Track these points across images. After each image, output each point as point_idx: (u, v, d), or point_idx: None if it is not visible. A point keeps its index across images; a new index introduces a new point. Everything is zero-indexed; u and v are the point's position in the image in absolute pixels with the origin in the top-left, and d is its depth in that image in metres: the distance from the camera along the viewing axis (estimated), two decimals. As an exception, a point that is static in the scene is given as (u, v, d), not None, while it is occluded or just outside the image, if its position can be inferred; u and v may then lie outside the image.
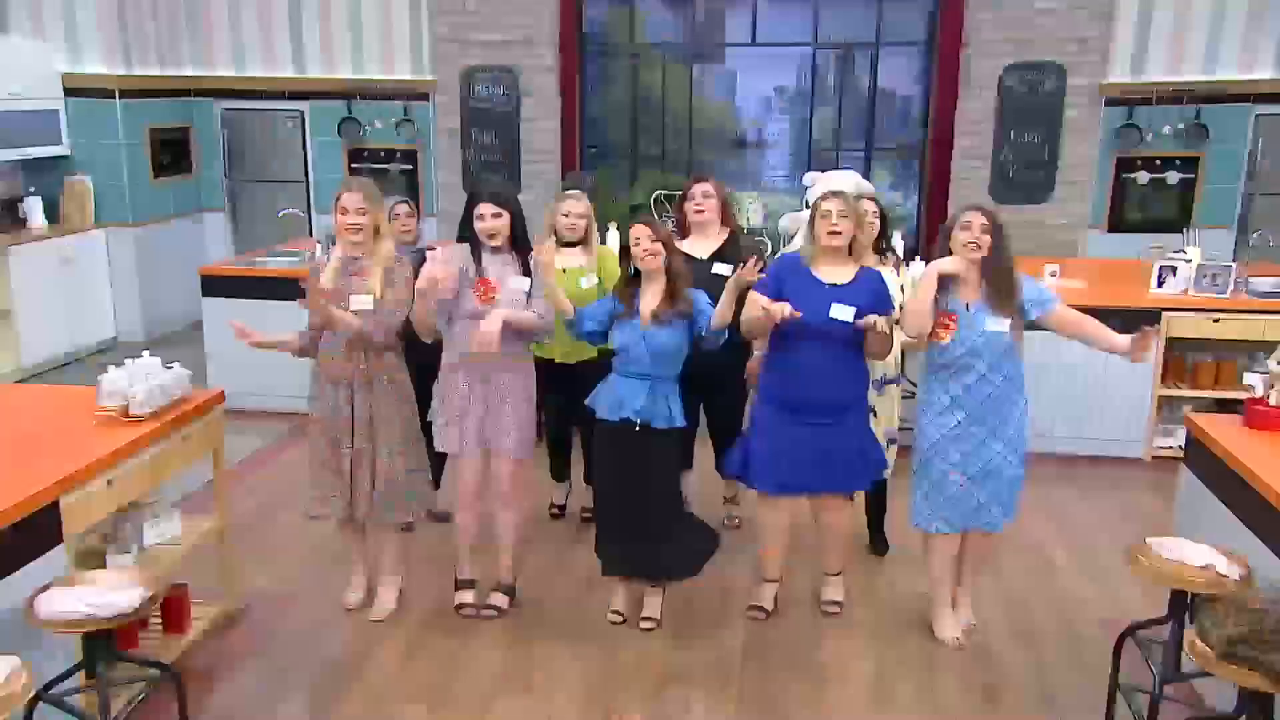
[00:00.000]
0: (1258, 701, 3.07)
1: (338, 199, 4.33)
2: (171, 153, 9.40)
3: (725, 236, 5.15)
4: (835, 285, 4.30)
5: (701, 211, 5.10)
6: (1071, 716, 4.10)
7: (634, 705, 4.14)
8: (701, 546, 4.62)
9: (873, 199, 5.18)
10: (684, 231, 5.23)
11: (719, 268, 4.93)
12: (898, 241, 5.90)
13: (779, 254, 5.22)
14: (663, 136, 10.47)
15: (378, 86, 9.59)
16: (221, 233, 10.01)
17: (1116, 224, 9.39)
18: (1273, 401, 4.16)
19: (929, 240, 9.46)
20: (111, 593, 3.21)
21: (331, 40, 9.58)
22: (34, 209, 8.26)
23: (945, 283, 4.25)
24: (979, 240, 4.11)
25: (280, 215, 8.75)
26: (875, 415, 4.85)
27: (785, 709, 4.10)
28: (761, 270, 4.44)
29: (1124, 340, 4.15)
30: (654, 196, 9.83)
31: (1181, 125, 9.07)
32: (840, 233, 4.24)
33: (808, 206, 7.13)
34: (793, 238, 7.32)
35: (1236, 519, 3.93)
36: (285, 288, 6.87)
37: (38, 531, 3.40)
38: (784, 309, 4.09)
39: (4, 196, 8.15)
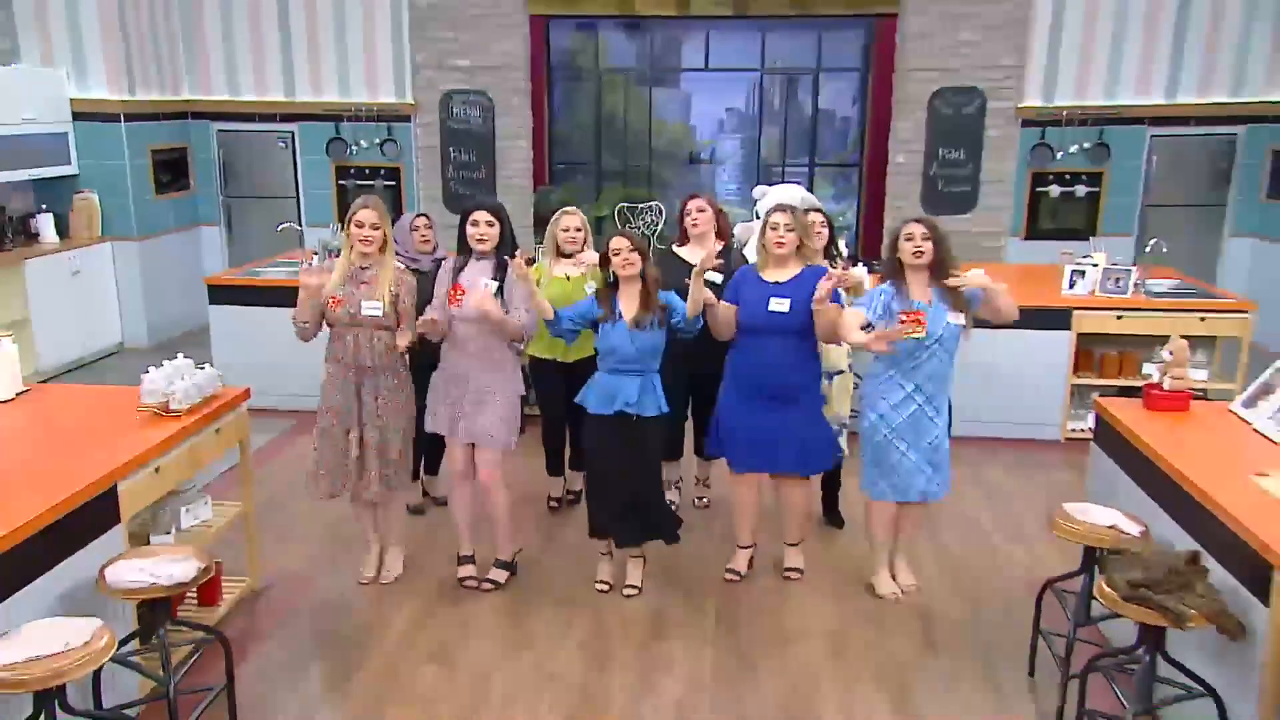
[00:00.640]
0: (1152, 634, 3.35)
1: (353, 214, 4.43)
2: (171, 171, 9.33)
3: (721, 247, 5.22)
4: (776, 283, 4.48)
5: (697, 224, 5.23)
6: (1000, 660, 4.28)
7: (623, 660, 4.28)
8: (669, 522, 4.75)
9: (820, 211, 5.33)
10: (683, 240, 5.37)
11: (713, 277, 5.02)
12: (843, 247, 6.12)
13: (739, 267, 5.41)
14: (624, 153, 10.52)
15: (363, 109, 9.57)
16: (217, 245, 9.95)
17: (1032, 232, 9.57)
18: (1166, 387, 4.40)
19: (867, 247, 9.68)
20: (171, 564, 3.38)
21: (319, 66, 9.56)
22: (45, 224, 8.21)
23: (898, 287, 4.40)
24: (922, 248, 4.30)
25: (279, 229, 8.71)
26: (827, 403, 4.99)
27: (753, 660, 4.28)
28: (720, 257, 4.67)
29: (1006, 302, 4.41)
30: (617, 209, 9.94)
31: (1087, 144, 9.31)
32: (785, 242, 4.43)
33: (758, 217, 7.35)
34: (745, 245, 7.53)
35: (1137, 487, 4.16)
36: (285, 295, 6.97)
37: (100, 514, 3.55)
38: (712, 297, 4.36)
39: (18, 213, 8.09)
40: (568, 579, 4.95)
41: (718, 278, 4.96)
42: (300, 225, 9.58)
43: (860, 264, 5.56)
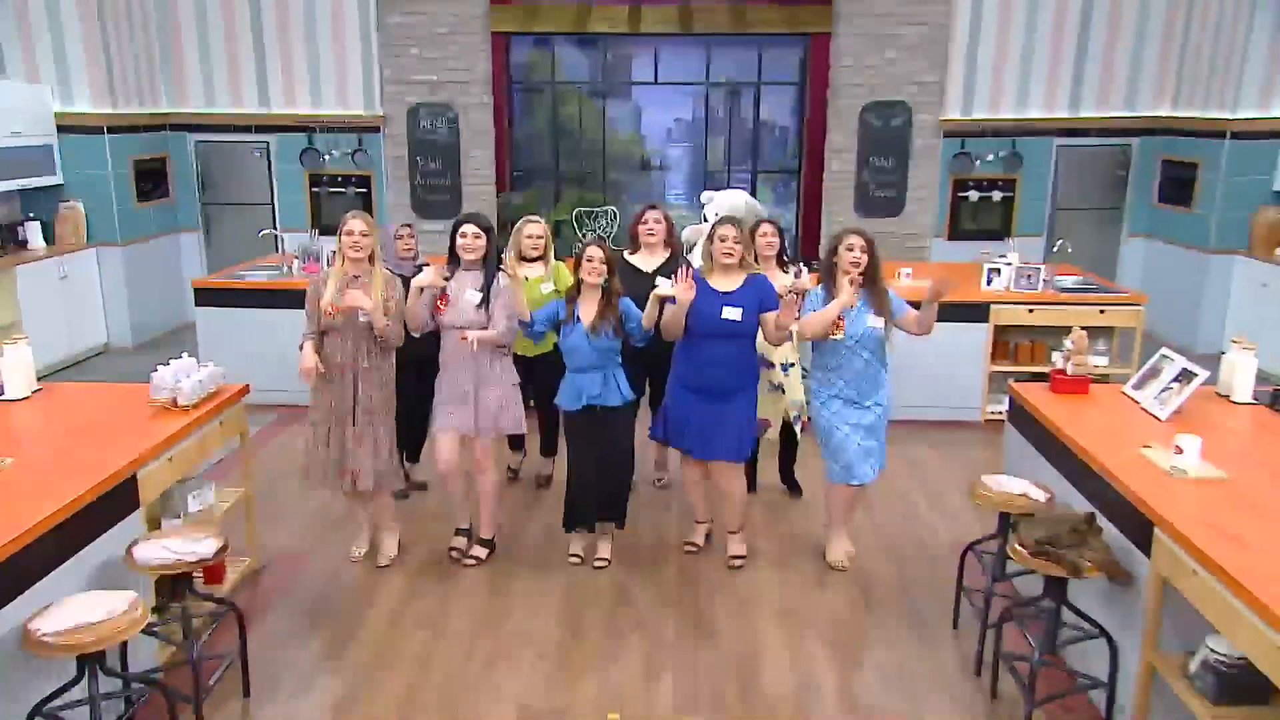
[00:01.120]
0: (1057, 585, 3.63)
1: (343, 224, 4.53)
2: (151, 180, 9.25)
3: (668, 255, 5.44)
4: (726, 292, 4.59)
5: (653, 234, 5.41)
6: (928, 614, 4.55)
7: (593, 624, 4.46)
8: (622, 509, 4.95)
9: (771, 223, 5.51)
10: (635, 248, 5.51)
11: (660, 280, 5.14)
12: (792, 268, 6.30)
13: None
14: (580, 161, 10.59)
15: (334, 121, 9.57)
16: (196, 250, 9.88)
17: (954, 233, 9.81)
18: (1069, 372, 4.66)
19: (805, 248, 9.94)
20: (193, 543, 3.54)
21: (293, 80, 9.53)
22: (34, 232, 8.15)
23: (830, 290, 4.62)
24: (860, 259, 4.52)
25: (260, 235, 8.71)
26: (783, 392, 5.26)
27: (712, 623, 4.48)
28: (667, 264, 4.91)
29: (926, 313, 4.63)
30: (575, 213, 10.05)
31: (1002, 153, 9.59)
32: (733, 253, 4.57)
33: (706, 220, 7.52)
34: (693, 247, 7.67)
35: (1044, 459, 4.42)
36: (265, 297, 7.15)
37: (122, 500, 3.68)
38: (675, 288, 4.42)
39: (6, 222, 8.03)
40: (543, 553, 5.11)
41: (666, 283, 4.99)
42: (276, 230, 9.58)
43: (804, 267, 5.72)
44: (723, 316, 4.54)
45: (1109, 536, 3.64)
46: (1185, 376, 4.30)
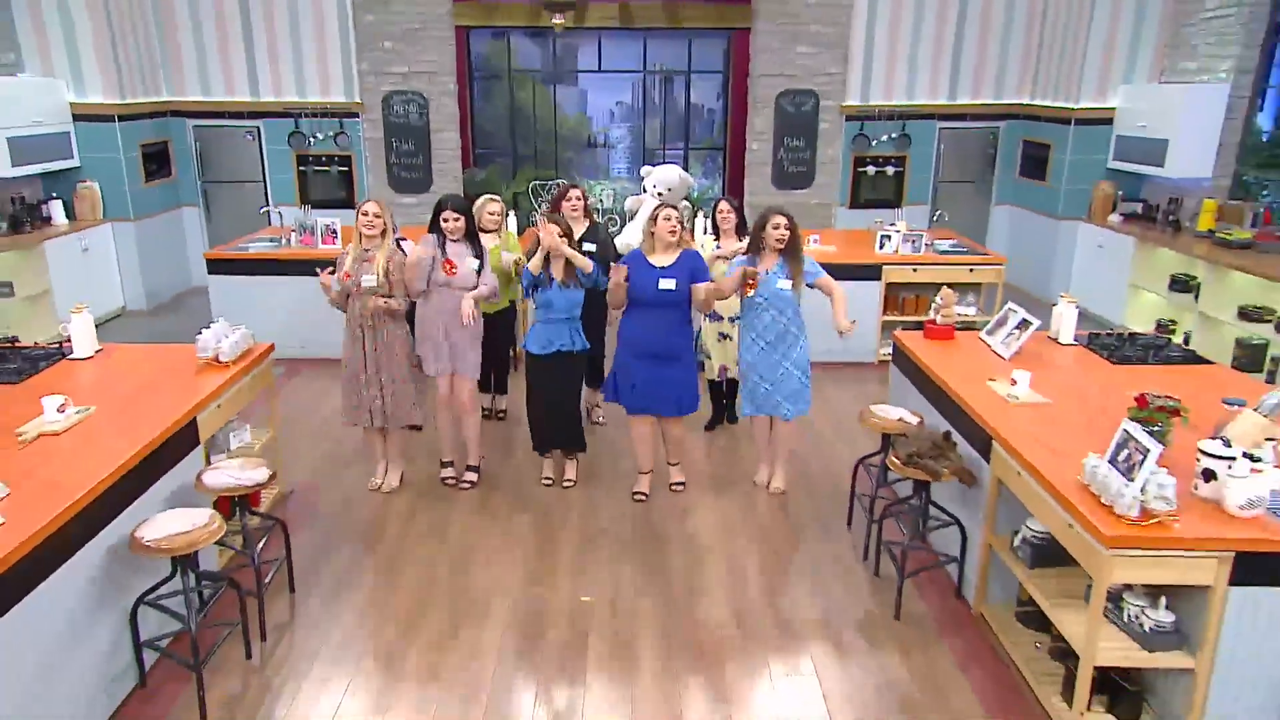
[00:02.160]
0: (922, 487, 4.16)
1: (359, 207, 4.82)
2: (156, 162, 9.25)
3: (588, 224, 5.80)
4: (662, 266, 4.80)
5: (575, 209, 5.73)
6: (829, 515, 5.03)
7: (566, 530, 4.83)
8: (580, 437, 5.27)
9: (729, 199, 5.80)
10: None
11: (586, 245, 5.53)
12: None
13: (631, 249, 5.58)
14: (534, 140, 10.74)
15: (318, 107, 9.60)
16: (197, 223, 9.89)
17: (855, 202, 10.14)
18: (938, 322, 5.14)
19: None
20: (249, 471, 3.92)
21: (280, 71, 9.52)
22: (56, 210, 8.17)
23: (754, 259, 4.93)
24: (783, 235, 4.85)
25: (260, 211, 8.82)
26: (731, 340, 5.57)
27: (664, 534, 4.85)
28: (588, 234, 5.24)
29: (843, 321, 4.82)
30: (530, 185, 10.30)
31: (894, 135, 9.96)
32: (675, 231, 4.83)
33: (645, 191, 7.81)
34: (634, 214, 7.94)
35: (918, 391, 4.90)
36: (268, 265, 7.33)
37: (187, 439, 4.03)
38: (623, 271, 4.71)
39: (31, 201, 8.05)
40: (521, 476, 5.47)
41: (591, 246, 5.47)
42: (268, 202, 9.66)
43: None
44: (659, 288, 4.76)
45: (962, 449, 4.19)
46: (1024, 325, 4.85)
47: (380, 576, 4.45)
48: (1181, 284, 7.69)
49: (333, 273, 4.92)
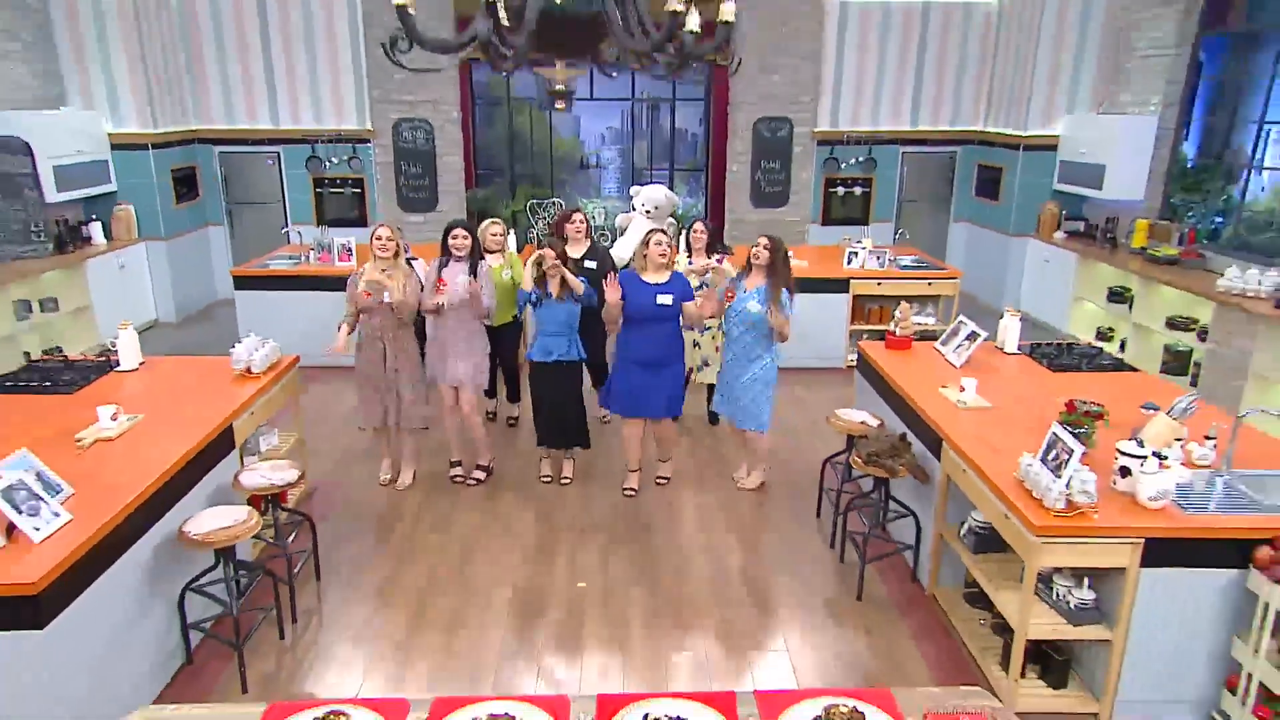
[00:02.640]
0: (882, 483, 4.35)
1: (374, 231, 4.97)
2: (185, 185, 9.37)
3: (588, 244, 5.96)
4: (657, 284, 4.97)
5: (579, 231, 5.91)
6: (801, 507, 5.20)
7: (564, 524, 4.97)
8: (585, 436, 5.42)
9: (704, 220, 5.96)
10: (563, 242, 5.78)
11: (588, 263, 5.76)
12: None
13: (625, 266, 5.87)
14: (531, 162, 10.89)
15: (333, 134, 9.71)
16: (222, 240, 10.00)
17: (827, 219, 10.33)
18: (898, 334, 5.31)
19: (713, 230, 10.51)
20: (279, 471, 4.09)
21: (298, 101, 9.65)
22: (96, 231, 8.26)
23: (743, 274, 5.05)
24: (760, 254, 4.95)
25: (282, 231, 8.94)
26: (699, 347, 5.76)
27: (652, 526, 5.01)
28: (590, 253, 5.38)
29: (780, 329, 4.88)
30: (528, 204, 10.44)
31: (861, 158, 10.14)
32: (667, 254, 5.00)
33: (634, 209, 7.95)
34: (624, 230, 8.06)
35: (879, 396, 5.06)
36: (289, 281, 7.46)
37: (224, 444, 4.18)
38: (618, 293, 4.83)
39: (73, 223, 8.15)
40: (522, 475, 5.62)
41: (592, 265, 5.63)
42: (287, 223, 9.79)
43: (723, 257, 6.08)
44: (657, 302, 4.92)
45: (916, 449, 4.38)
46: (973, 336, 5.05)
47: (395, 564, 4.61)
48: (1118, 296, 7.93)
49: (350, 327, 5.06)
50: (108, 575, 3.18)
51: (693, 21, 2.66)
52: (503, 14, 2.28)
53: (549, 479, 5.54)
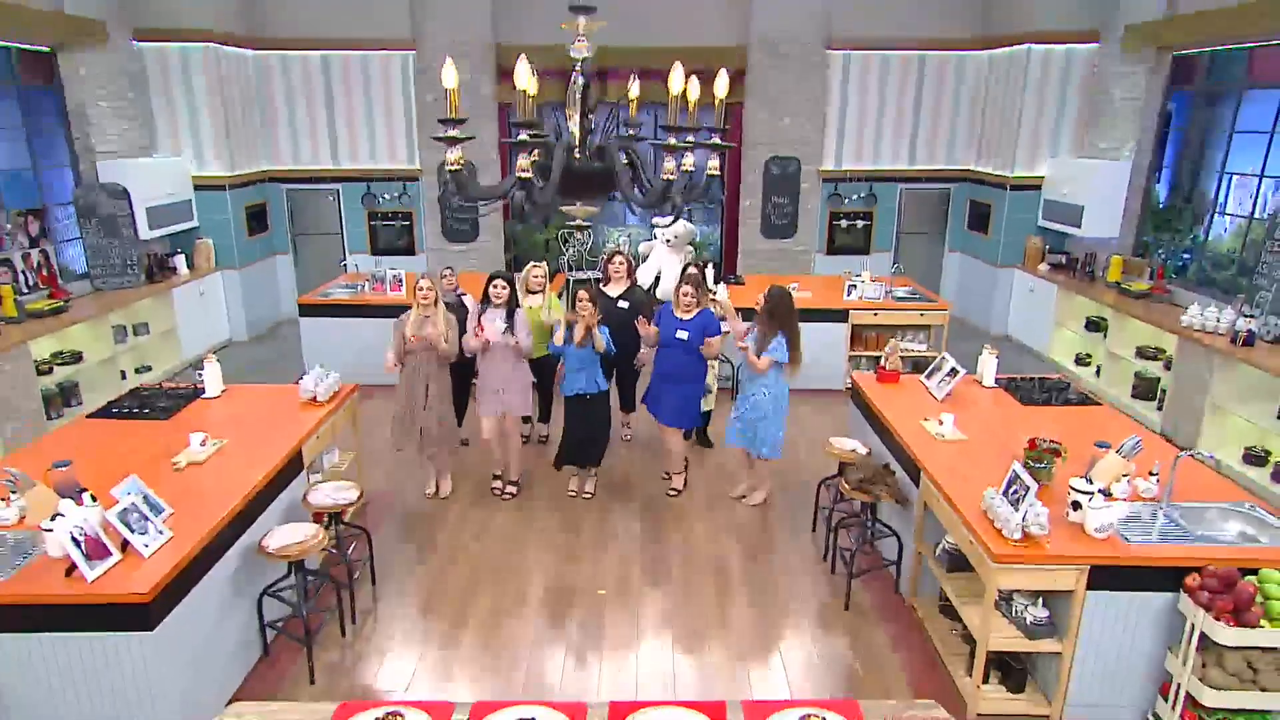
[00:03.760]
0: (868, 507, 4.55)
1: (416, 282, 5.20)
2: (256, 219, 9.69)
3: (628, 284, 6.09)
4: (681, 319, 5.34)
5: (619, 271, 6.05)
6: (800, 523, 5.36)
7: (587, 531, 5.19)
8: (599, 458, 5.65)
9: (693, 282, 5.77)
10: (606, 280, 6.11)
11: (622, 303, 5.93)
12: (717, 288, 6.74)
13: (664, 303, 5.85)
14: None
15: (385, 173, 9.97)
16: (288, 268, 10.31)
17: (831, 249, 10.42)
18: (887, 368, 5.46)
19: (727, 260, 10.62)
20: (344, 491, 4.37)
21: (355, 143, 9.95)
22: (180, 263, 8.60)
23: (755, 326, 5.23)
24: (759, 303, 5.16)
25: (340, 264, 9.31)
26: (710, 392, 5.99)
27: (665, 534, 5.23)
28: (626, 293, 5.66)
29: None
30: (560, 233, 10.65)
31: (863, 194, 10.26)
32: (690, 305, 5.30)
33: (655, 238, 8.09)
34: (646, 257, 8.23)
35: (868, 425, 5.22)
36: (347, 310, 7.71)
37: (294, 465, 4.47)
38: (653, 332, 5.23)
39: (161, 255, 8.50)
40: (551, 489, 5.84)
41: (626, 304, 5.84)
42: (345, 255, 10.13)
43: (722, 284, 6.37)
44: (676, 336, 5.33)
45: (900, 476, 4.58)
46: (954, 372, 5.21)
47: (440, 568, 4.87)
48: (1094, 325, 8.05)
49: (402, 358, 5.29)
50: (202, 583, 3.50)
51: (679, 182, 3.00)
52: (533, 176, 2.60)
53: (574, 493, 5.76)
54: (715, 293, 6.19)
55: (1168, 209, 8.33)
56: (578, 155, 2.77)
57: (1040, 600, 3.63)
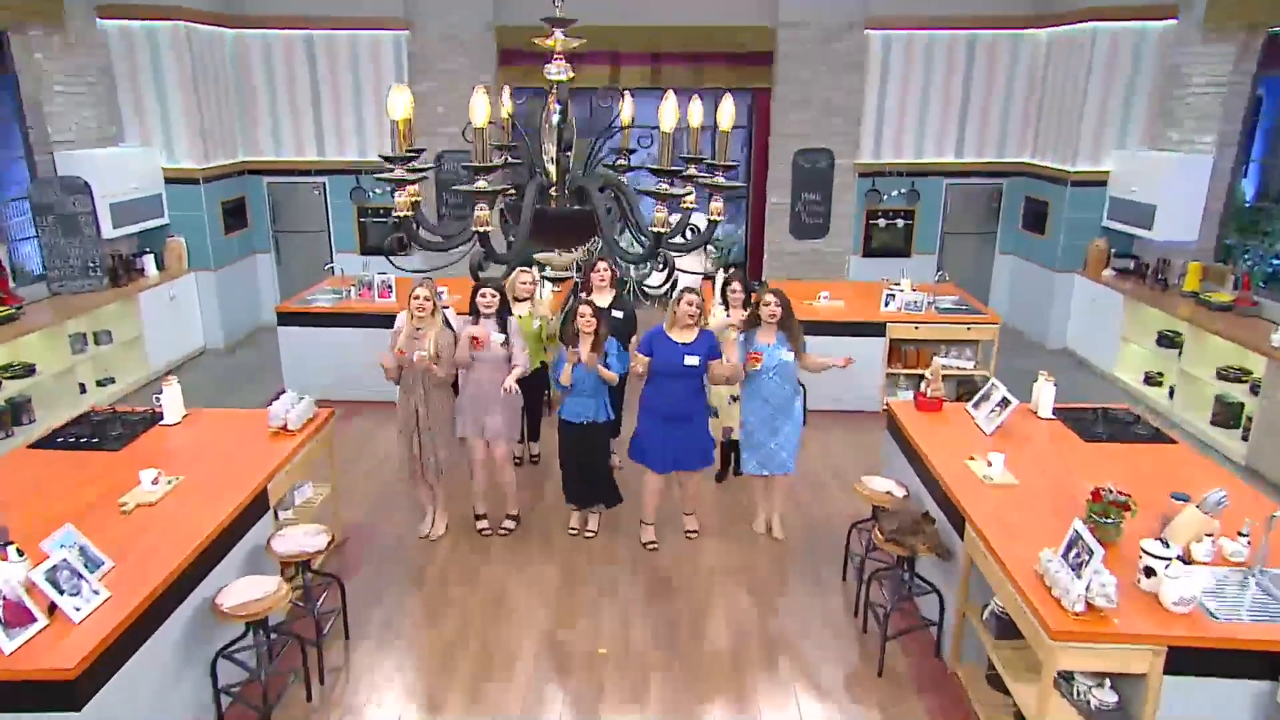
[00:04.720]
0: (904, 560, 4.35)
1: (411, 291, 5.08)
2: (234, 215, 9.60)
3: (615, 292, 6.02)
4: (685, 343, 5.07)
5: (603, 280, 5.97)
6: (826, 571, 5.18)
7: (587, 576, 5.05)
8: (614, 492, 5.54)
9: (740, 281, 5.85)
10: (588, 290, 6.04)
11: (616, 312, 5.84)
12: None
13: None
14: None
15: (376, 165, 9.84)
16: (269, 267, 10.23)
17: (868, 251, 10.25)
18: (928, 395, 5.25)
19: (753, 257, 10.49)
20: (311, 537, 4.23)
21: (342, 133, 9.85)
22: (149, 263, 8.52)
23: (753, 335, 5.17)
24: (775, 311, 5.08)
25: (324, 267, 9.19)
26: (717, 416, 5.76)
27: (669, 575, 5.11)
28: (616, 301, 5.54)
29: (832, 360, 5.18)
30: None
31: (903, 190, 10.04)
32: (694, 316, 5.08)
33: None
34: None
35: (906, 461, 5.03)
36: (329, 318, 7.60)
37: (259, 505, 4.32)
38: (645, 361, 5.03)
39: (127, 255, 8.43)
40: (549, 526, 5.69)
41: (618, 313, 5.70)
42: (332, 255, 10.03)
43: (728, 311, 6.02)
44: (684, 363, 5.05)
45: (941, 524, 4.36)
46: (1005, 403, 4.98)
47: (422, 621, 4.72)
48: (1168, 340, 7.75)
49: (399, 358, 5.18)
50: (145, 649, 3.35)
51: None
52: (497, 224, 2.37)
53: (575, 531, 5.62)
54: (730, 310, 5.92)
55: (1255, 209, 8.02)
56: (554, 194, 2.56)
57: (1107, 682, 3.39)
